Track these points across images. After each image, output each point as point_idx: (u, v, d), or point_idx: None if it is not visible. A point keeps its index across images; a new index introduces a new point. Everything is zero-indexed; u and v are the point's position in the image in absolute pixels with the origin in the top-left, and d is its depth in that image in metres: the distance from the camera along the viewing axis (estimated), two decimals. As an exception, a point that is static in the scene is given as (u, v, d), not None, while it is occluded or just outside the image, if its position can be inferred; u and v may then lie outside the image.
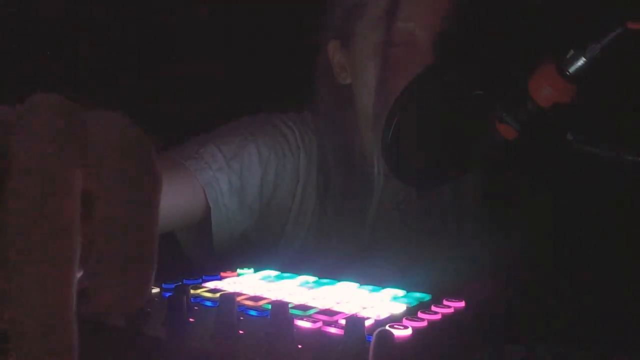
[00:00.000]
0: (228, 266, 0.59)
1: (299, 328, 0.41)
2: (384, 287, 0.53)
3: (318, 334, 0.40)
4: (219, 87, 1.20)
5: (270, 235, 0.84)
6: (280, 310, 0.38)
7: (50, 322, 0.21)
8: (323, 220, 0.84)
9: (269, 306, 0.40)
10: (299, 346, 0.37)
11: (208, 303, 0.47)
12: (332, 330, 0.41)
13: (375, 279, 0.55)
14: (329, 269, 0.58)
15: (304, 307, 0.45)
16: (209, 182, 0.75)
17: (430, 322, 0.43)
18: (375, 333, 0.33)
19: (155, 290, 0.50)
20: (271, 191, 0.81)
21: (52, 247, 0.21)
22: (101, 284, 0.22)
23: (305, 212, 0.83)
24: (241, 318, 0.42)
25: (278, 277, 0.57)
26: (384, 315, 0.45)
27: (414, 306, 0.48)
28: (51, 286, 0.21)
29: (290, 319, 0.38)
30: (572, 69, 0.51)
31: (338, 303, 0.47)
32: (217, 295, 0.47)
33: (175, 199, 0.73)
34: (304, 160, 0.84)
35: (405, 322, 0.42)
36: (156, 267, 0.23)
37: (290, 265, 0.61)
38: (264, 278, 0.57)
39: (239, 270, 0.60)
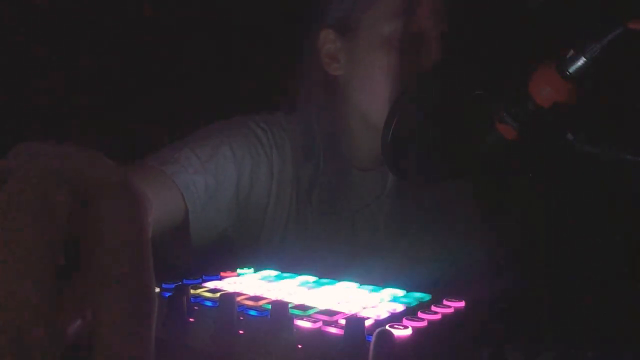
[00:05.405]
0: (212, 266, 0.59)
1: (299, 328, 0.41)
2: (384, 287, 0.53)
3: (318, 334, 0.40)
4: (194, 89, 1.20)
5: (249, 233, 0.85)
6: (280, 310, 0.38)
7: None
8: (301, 213, 0.85)
9: (269, 306, 0.40)
10: (299, 346, 0.37)
11: (208, 303, 0.47)
12: (332, 330, 0.41)
13: (360, 276, 0.55)
14: (313, 265, 0.59)
15: (304, 307, 0.45)
16: (187, 185, 0.76)
17: (430, 322, 0.43)
18: (375, 333, 0.33)
19: (155, 290, 0.50)
20: (247, 190, 0.83)
21: None
22: None
23: (282, 207, 0.85)
24: (241, 318, 0.42)
25: (278, 277, 0.57)
26: (384, 315, 0.45)
27: (414, 306, 0.48)
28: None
29: (290, 319, 0.38)
30: (572, 69, 0.51)
31: (338, 303, 0.47)
32: (217, 295, 0.47)
33: (156, 205, 0.73)
34: (277, 158, 0.85)
35: (405, 322, 0.42)
36: None
37: (275, 263, 0.61)
38: (263, 278, 0.57)
39: (239, 270, 0.60)
